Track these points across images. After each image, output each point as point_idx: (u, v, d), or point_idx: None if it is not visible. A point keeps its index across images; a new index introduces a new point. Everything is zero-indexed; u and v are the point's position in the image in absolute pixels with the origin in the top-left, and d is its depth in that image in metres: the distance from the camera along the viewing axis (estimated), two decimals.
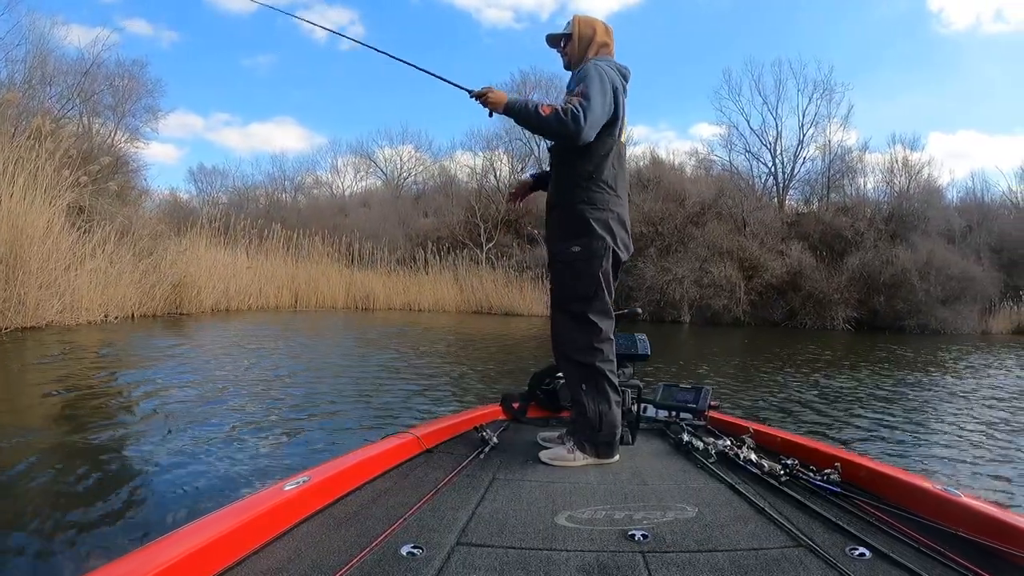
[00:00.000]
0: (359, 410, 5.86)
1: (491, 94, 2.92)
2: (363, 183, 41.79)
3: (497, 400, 3.83)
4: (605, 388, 2.87)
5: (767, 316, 24.54)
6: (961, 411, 7.43)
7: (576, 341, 2.90)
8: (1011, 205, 32.43)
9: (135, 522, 2.99)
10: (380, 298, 22.61)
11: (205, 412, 5.28)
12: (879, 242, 26.20)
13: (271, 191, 39.49)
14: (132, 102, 24.53)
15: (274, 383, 6.88)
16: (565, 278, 2.95)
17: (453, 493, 2.35)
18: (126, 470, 3.75)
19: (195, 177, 42.55)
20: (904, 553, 1.80)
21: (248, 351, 9.50)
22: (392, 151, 41.28)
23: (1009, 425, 6.55)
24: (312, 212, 32.07)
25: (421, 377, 8.03)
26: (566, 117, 2.72)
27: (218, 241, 18.68)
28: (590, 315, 2.88)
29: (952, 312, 24.62)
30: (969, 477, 4.65)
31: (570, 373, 2.97)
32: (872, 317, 25.10)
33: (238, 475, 3.77)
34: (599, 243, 2.88)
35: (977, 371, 11.89)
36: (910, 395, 8.65)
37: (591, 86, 2.80)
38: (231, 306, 16.94)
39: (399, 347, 11.29)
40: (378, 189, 39.52)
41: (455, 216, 29.20)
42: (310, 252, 21.80)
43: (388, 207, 32.13)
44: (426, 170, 40.00)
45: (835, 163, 31.12)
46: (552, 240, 3.02)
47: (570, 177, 2.94)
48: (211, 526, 1.70)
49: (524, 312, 23.60)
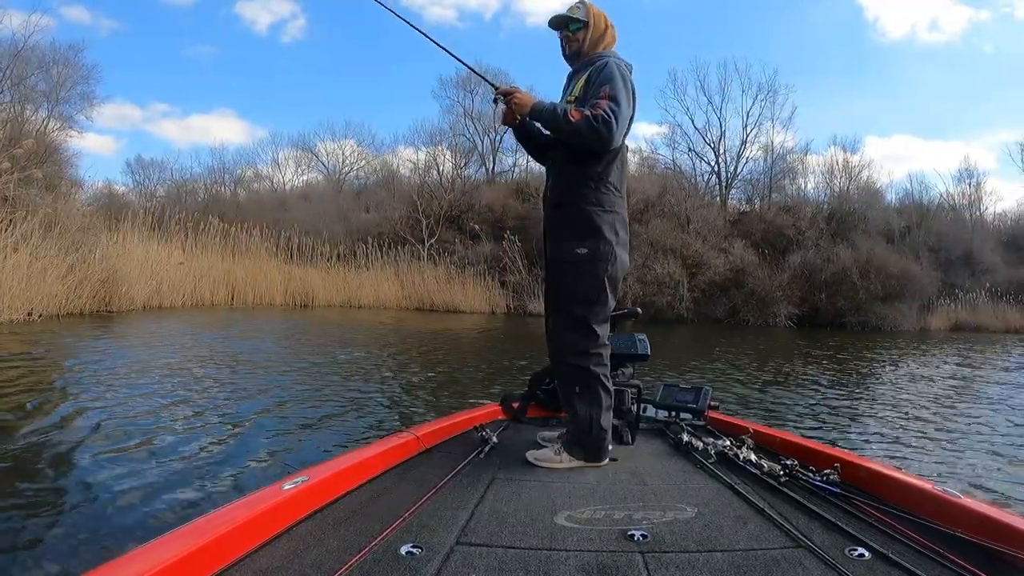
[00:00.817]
0: (308, 419, 5.59)
1: (518, 95, 2.89)
2: (304, 177, 41.93)
3: (497, 400, 3.88)
4: (598, 392, 2.86)
5: (710, 313, 25.37)
6: (897, 395, 8.52)
7: (573, 344, 2.87)
8: (948, 207, 33.69)
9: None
10: (320, 294, 22.65)
11: (134, 421, 5.03)
12: (820, 241, 27.48)
13: (210, 184, 39.06)
14: (67, 89, 23.95)
15: (211, 387, 6.61)
16: (568, 280, 2.89)
17: (452, 493, 2.38)
18: (53, 491, 3.52)
19: (132, 169, 42.22)
20: (903, 554, 1.83)
21: (182, 350, 9.25)
22: (334, 145, 41.18)
23: (940, 405, 7.71)
24: (252, 206, 32.05)
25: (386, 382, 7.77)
26: (598, 124, 2.68)
27: (152, 235, 18.28)
28: (590, 319, 2.86)
29: (892, 309, 25.94)
30: (885, 446, 5.55)
31: (564, 375, 2.94)
32: (814, 314, 26.29)
33: (178, 488, 3.63)
34: (606, 246, 2.85)
35: (912, 363, 13.07)
36: (850, 382, 9.63)
37: (618, 89, 2.75)
38: (164, 303, 16.58)
39: (353, 350, 11.00)
40: (319, 183, 39.73)
41: (397, 211, 29.53)
42: (248, 247, 21.67)
43: (329, 201, 32.34)
44: (368, 165, 40.49)
45: (777, 163, 32.16)
46: (556, 240, 2.96)
47: (578, 177, 2.89)
48: (210, 525, 1.72)
49: (466, 309, 24.11)
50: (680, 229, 26.79)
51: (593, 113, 2.68)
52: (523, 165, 35.38)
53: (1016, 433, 6.28)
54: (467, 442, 3.06)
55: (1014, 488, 4.46)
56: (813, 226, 28.19)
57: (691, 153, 33.72)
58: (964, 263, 30.35)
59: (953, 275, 29.33)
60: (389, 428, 5.23)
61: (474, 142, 35.08)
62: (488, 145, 35.53)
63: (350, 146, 41.50)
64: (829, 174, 32.79)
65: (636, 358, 3.69)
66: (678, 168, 33.15)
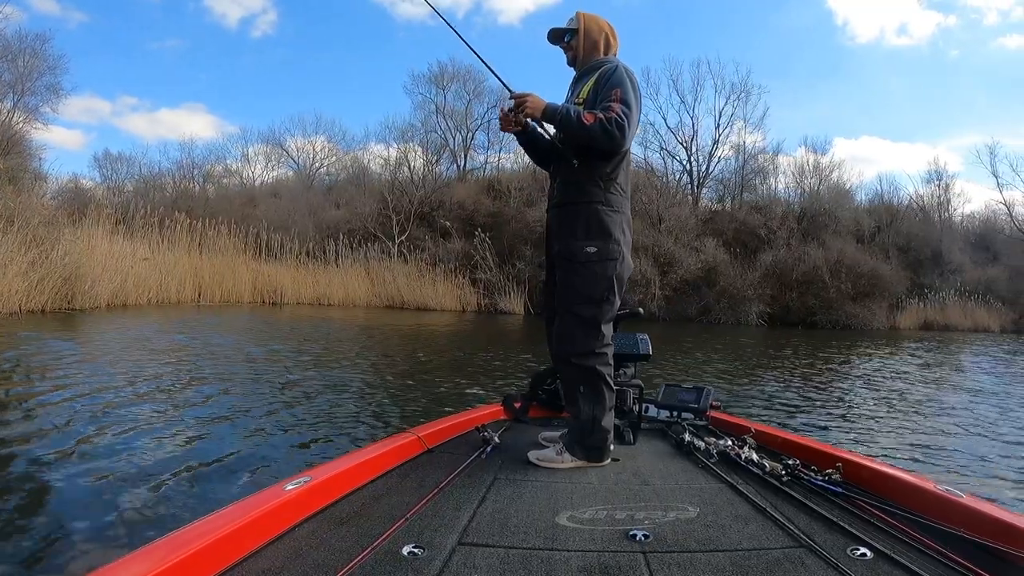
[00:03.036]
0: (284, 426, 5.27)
1: (530, 99, 2.88)
2: (274, 173, 41.61)
3: (498, 400, 3.90)
4: (602, 392, 2.88)
5: (682, 311, 25.79)
6: (866, 388, 9.12)
7: (578, 344, 2.89)
8: (917, 208, 34.41)
9: None
10: (289, 292, 22.62)
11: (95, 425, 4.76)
12: (791, 240, 28.13)
13: (179, 180, 38.45)
14: (32, 80, 23.58)
15: (176, 389, 6.26)
16: (576, 279, 2.90)
17: (454, 493, 2.40)
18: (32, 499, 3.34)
19: (100, 164, 41.40)
20: (905, 553, 1.86)
21: (148, 352, 8.88)
22: (305, 141, 41.19)
23: (904, 400, 8.09)
24: (221, 202, 31.84)
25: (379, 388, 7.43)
26: (611, 127, 2.75)
27: (117, 230, 17.94)
28: (598, 318, 2.88)
29: (862, 308, 26.77)
30: (846, 431, 6.02)
31: (568, 375, 2.98)
32: (785, 313, 26.99)
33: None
34: (615, 246, 2.89)
35: (882, 359, 13.72)
36: (822, 377, 10.16)
37: (628, 93, 2.83)
38: (129, 300, 16.30)
39: (335, 355, 10.61)
40: (289, 179, 39.55)
41: (367, 208, 29.70)
42: (216, 243, 21.54)
43: (299, 198, 32.12)
44: (339, 161, 40.44)
45: (749, 163, 32.43)
46: (565, 238, 2.96)
47: (588, 177, 2.93)
48: (212, 526, 1.74)
49: (437, 307, 24.29)
50: (652, 227, 27.22)
51: (606, 116, 2.75)
52: (495, 163, 35.66)
53: (987, 421, 6.79)
54: (469, 442, 3.08)
55: (972, 464, 4.93)
56: (784, 225, 28.84)
57: (663, 152, 34.36)
58: (933, 263, 31.26)
59: (922, 275, 30.29)
60: (383, 428, 5.22)
61: (446, 139, 35.11)
62: (460, 142, 35.84)
63: (321, 142, 41.68)
64: (800, 174, 33.73)
65: (638, 358, 3.71)
66: (650, 167, 33.64)
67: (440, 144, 35.03)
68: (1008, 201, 35.75)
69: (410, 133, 34.76)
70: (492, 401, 4.17)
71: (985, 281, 30.15)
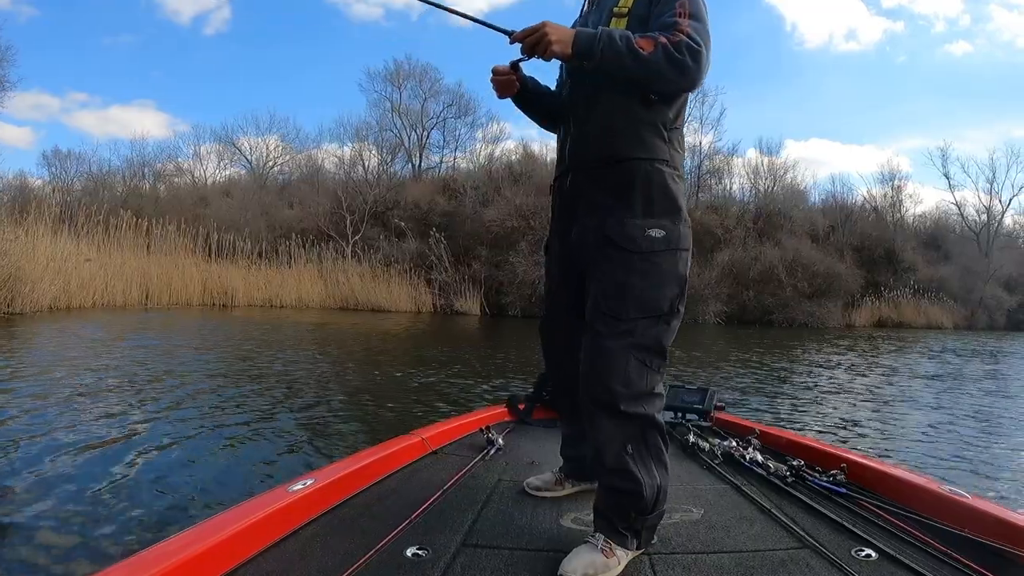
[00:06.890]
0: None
1: (550, 31, 1.88)
2: (226, 172, 41.14)
3: (503, 401, 3.90)
4: (661, 449, 1.98)
5: None
6: (827, 380, 9.73)
7: (633, 383, 1.89)
8: (870, 208, 35.65)
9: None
10: (240, 294, 22.56)
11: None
12: (747, 240, 28.45)
13: (129, 178, 37.76)
14: None
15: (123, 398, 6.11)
16: (633, 279, 1.93)
17: (459, 495, 2.40)
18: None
19: (48, 161, 40.49)
20: (910, 555, 1.86)
21: (97, 357, 8.56)
22: (258, 139, 40.98)
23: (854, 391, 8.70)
24: (171, 201, 31.39)
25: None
26: (682, 55, 1.84)
27: (61, 230, 17.46)
28: (663, 342, 1.96)
29: (818, 306, 27.91)
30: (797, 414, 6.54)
31: (610, 429, 1.91)
32: (742, 311, 27.83)
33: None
34: (686, 229, 2.02)
35: (838, 355, 14.12)
36: (778, 370, 10.81)
37: (698, 5, 1.96)
38: (72, 303, 16.06)
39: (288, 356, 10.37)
40: (242, 178, 39.24)
41: (321, 207, 29.84)
42: (164, 243, 21.37)
43: (251, 197, 31.84)
44: (292, 160, 40.27)
45: (704, 163, 32.84)
46: (613, 214, 1.99)
47: (642, 124, 2.00)
48: (216, 528, 1.75)
49: (391, 308, 24.50)
50: None
51: (672, 40, 1.84)
52: (450, 162, 35.83)
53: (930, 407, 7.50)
54: (473, 444, 3.09)
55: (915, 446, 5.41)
56: (740, 225, 29.60)
57: None
58: (887, 262, 32.41)
59: (877, 273, 31.43)
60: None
61: (401, 137, 35.13)
62: (415, 140, 36.22)
63: (274, 141, 41.38)
64: (754, 175, 34.50)
65: None
66: None
67: (395, 143, 35.34)
68: (959, 201, 37.22)
69: (365, 131, 35.10)
70: (496, 402, 4.22)
71: (937, 279, 31.72)
